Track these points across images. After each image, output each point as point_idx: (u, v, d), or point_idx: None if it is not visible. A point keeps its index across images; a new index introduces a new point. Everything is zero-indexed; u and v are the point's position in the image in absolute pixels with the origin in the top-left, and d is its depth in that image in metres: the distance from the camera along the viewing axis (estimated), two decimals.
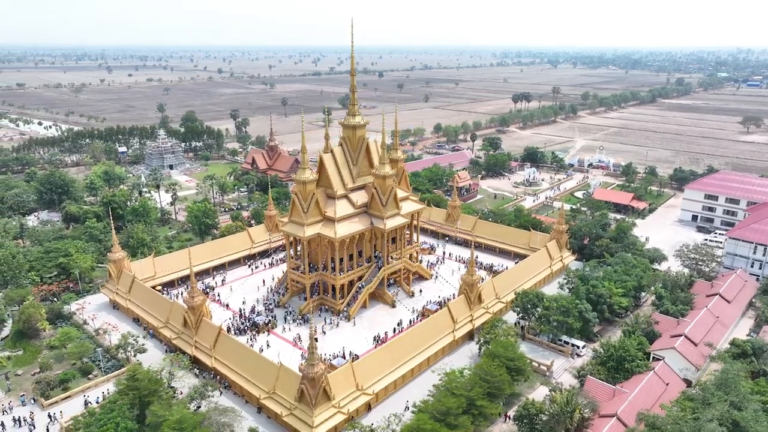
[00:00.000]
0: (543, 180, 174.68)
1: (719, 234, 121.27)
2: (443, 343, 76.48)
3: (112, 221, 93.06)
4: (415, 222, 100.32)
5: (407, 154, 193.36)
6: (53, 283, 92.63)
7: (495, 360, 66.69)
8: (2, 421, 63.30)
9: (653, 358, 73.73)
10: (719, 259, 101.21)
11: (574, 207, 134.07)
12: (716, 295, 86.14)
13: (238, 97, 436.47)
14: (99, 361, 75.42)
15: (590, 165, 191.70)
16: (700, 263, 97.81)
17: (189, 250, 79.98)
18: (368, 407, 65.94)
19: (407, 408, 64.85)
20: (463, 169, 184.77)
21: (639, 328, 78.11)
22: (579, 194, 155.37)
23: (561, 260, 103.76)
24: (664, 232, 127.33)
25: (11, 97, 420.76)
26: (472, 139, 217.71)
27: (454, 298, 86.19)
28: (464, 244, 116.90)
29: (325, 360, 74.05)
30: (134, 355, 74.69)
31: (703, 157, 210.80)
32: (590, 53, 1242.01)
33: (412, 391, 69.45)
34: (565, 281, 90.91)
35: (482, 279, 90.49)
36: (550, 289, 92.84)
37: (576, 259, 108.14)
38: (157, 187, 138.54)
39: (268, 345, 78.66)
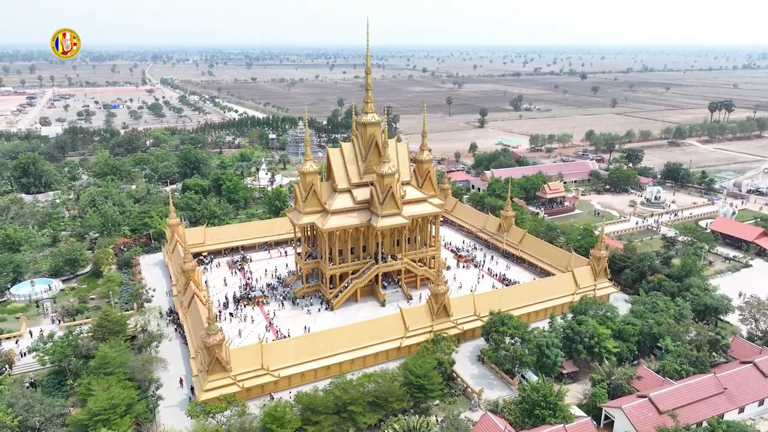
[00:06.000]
0: (673, 202, 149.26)
1: None
2: (386, 347, 74.92)
3: (170, 194, 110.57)
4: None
5: (521, 158, 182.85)
6: (132, 237, 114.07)
7: (401, 372, 64.30)
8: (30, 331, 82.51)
9: (605, 415, 62.31)
10: None
11: (666, 236, 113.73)
12: (749, 363, 67.36)
13: (421, 95, 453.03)
14: (126, 302, 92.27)
15: (754, 191, 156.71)
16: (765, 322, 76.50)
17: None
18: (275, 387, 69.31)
19: None
20: (584, 180, 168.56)
21: (607, 378, 66.12)
22: (704, 223, 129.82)
23: (594, 289, 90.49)
24: None
25: (241, 88, 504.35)
26: (609, 150, 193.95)
27: None
28: (510, 256, 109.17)
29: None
30: (141, 304, 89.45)
31: None
32: None
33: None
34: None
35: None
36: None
37: (624, 290, 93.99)
38: (257, 170, 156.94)
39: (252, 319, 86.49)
